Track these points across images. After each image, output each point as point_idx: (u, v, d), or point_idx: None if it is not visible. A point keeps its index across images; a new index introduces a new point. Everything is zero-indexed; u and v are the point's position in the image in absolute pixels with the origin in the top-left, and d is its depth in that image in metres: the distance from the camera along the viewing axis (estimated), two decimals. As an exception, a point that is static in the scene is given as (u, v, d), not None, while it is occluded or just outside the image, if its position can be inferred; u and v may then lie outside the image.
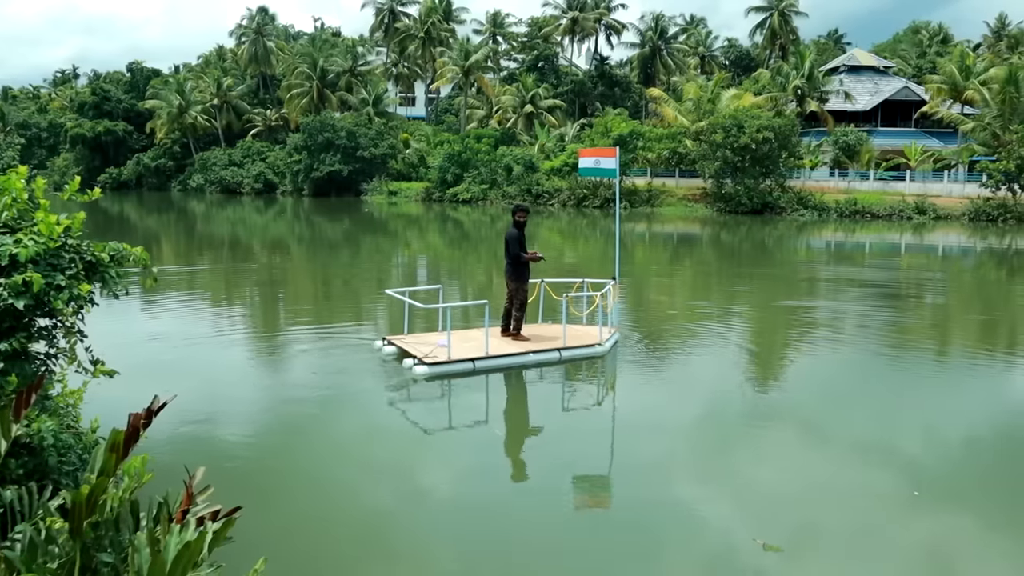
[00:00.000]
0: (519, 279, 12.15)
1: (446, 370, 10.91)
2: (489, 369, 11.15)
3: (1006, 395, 11.15)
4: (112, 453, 2.77)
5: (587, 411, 10.05)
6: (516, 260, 12.05)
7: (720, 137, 49.15)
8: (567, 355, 11.76)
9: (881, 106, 66.21)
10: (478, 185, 58.39)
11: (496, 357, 11.31)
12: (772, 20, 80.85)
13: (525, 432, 9.17)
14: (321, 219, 47.53)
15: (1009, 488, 7.48)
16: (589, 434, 8.99)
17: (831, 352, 13.39)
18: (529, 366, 11.46)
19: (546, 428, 9.31)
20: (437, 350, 11.35)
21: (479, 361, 11.15)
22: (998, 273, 26.63)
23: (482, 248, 32.70)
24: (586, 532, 6.45)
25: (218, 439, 8.46)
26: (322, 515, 6.65)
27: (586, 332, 12.72)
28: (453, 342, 11.38)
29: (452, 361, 11.03)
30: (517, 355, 11.53)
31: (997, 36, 74.54)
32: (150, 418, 2.93)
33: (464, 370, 11.01)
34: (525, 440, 8.92)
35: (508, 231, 12.15)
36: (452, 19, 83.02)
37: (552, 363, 11.63)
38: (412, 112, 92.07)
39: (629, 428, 9.18)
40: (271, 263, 26.43)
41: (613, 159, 13.50)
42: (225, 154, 76.75)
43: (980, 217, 46.07)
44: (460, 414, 9.81)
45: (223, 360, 12.37)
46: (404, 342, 11.96)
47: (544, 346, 11.90)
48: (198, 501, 2.80)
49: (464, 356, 11.19)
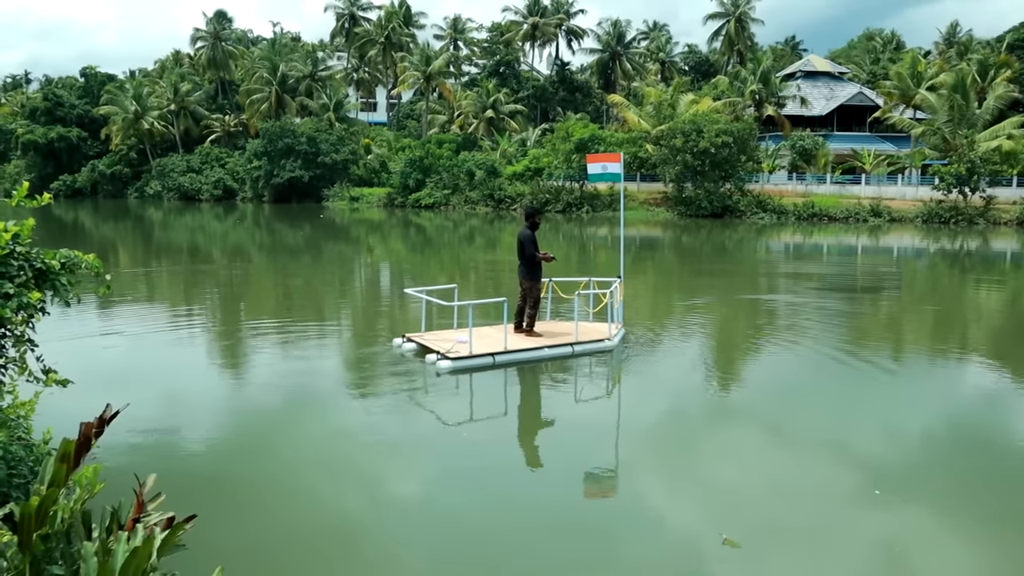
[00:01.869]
0: (533, 278, 12.68)
1: (468, 364, 11.40)
2: (508, 363, 11.69)
3: (960, 391, 11.38)
4: (63, 464, 2.72)
5: (554, 411, 10.06)
6: (531, 260, 12.56)
7: (680, 142, 49.64)
8: (579, 350, 12.33)
9: (837, 111, 67.33)
10: (440, 190, 58.29)
11: (514, 352, 11.87)
12: (729, 27, 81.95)
13: (498, 434, 9.15)
14: (282, 226, 47.13)
15: (965, 483, 7.63)
16: (557, 433, 9.01)
17: (790, 351, 13.56)
18: (545, 360, 11.99)
19: (517, 428, 9.30)
20: (457, 346, 11.89)
21: (499, 356, 11.69)
22: (951, 273, 27.19)
23: (445, 253, 32.65)
24: (552, 529, 6.45)
25: (179, 446, 8.34)
26: (288, 522, 6.58)
27: (595, 328, 13.28)
28: (472, 338, 11.96)
29: (473, 356, 11.52)
30: (533, 350, 12.10)
31: (948, 43, 76.17)
32: (102, 427, 2.88)
33: (484, 364, 11.51)
34: (497, 441, 8.90)
35: (523, 232, 12.63)
36: (412, 24, 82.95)
37: (566, 357, 12.15)
38: (373, 117, 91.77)
39: (593, 427, 9.22)
40: (231, 269, 26.14)
41: (619, 164, 13.97)
42: (183, 160, 75.79)
43: (933, 219, 47.07)
44: (424, 418, 9.76)
45: (182, 366, 12.21)
46: (424, 339, 12.47)
47: (558, 341, 12.43)
48: (149, 509, 2.76)
49: (484, 351, 11.70)
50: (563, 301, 13.76)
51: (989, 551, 6.33)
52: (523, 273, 12.75)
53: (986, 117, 51.83)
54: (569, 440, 8.89)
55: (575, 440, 8.87)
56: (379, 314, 17.71)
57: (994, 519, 6.82)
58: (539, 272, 12.75)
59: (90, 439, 2.82)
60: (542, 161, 55.42)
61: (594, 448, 8.58)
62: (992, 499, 7.25)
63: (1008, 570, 5.99)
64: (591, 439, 8.86)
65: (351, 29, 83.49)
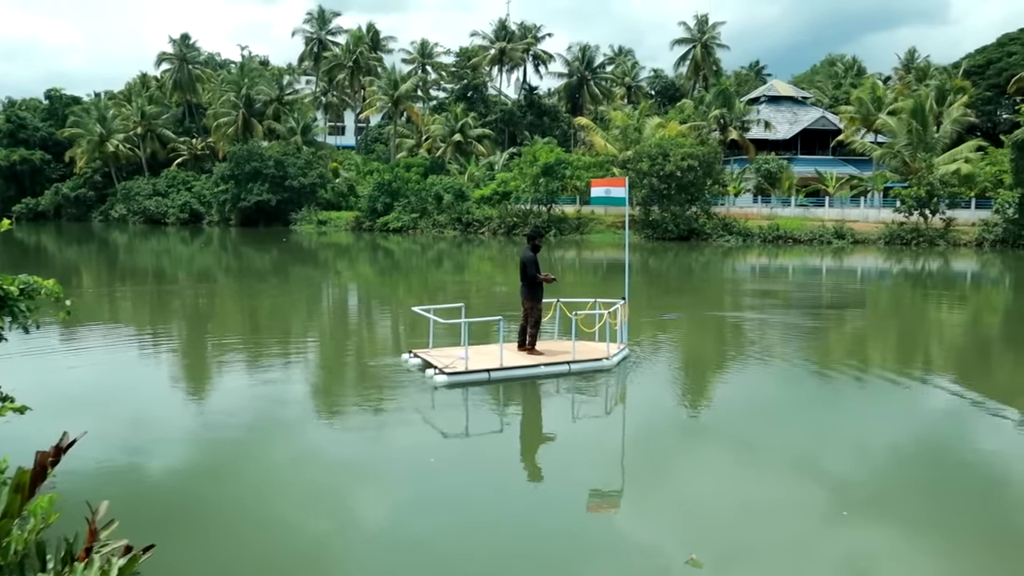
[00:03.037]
0: (534, 298, 13.02)
1: (463, 379, 11.73)
2: (503, 379, 11.96)
3: (923, 408, 11.54)
4: (17, 494, 2.69)
5: (529, 432, 10.06)
6: (532, 281, 12.90)
7: (646, 165, 50.12)
8: (576, 368, 12.55)
9: (800, 135, 68.40)
10: (408, 214, 58.26)
11: (509, 368, 12.16)
12: (695, 52, 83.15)
13: (468, 457, 9.11)
14: (248, 249, 46.79)
15: (930, 499, 7.74)
16: (528, 455, 9.01)
17: (759, 369, 13.69)
18: (540, 378, 12.26)
19: (487, 450, 9.27)
20: (457, 362, 12.20)
21: (494, 372, 11.98)
22: (914, 293, 27.63)
23: (413, 277, 32.60)
24: (518, 555, 6.44)
25: (141, 473, 8.22)
26: (256, 549, 6.51)
27: (595, 347, 13.48)
28: (473, 355, 12.44)
29: (469, 372, 11.87)
30: (529, 367, 12.38)
31: (907, 69, 77.78)
32: (59, 456, 2.85)
33: (480, 379, 11.82)
34: (466, 465, 8.86)
35: (524, 254, 13.04)
36: (380, 48, 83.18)
37: (562, 375, 12.42)
38: (342, 141, 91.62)
39: (567, 448, 9.24)
40: (196, 293, 25.87)
41: (623, 188, 14.30)
42: (149, 183, 75.06)
43: (895, 241, 47.90)
44: (395, 441, 9.71)
45: (144, 391, 12.03)
46: (428, 355, 12.82)
47: (555, 359, 12.71)
48: (103, 538, 2.73)
49: (480, 367, 12.00)
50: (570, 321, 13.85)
51: (953, 566, 6.41)
52: (524, 293, 13.08)
53: (944, 141, 52.93)
54: (542, 462, 8.89)
55: (549, 462, 8.87)
56: (348, 336, 17.63)
57: (958, 534, 6.91)
58: (540, 292, 13.05)
59: (46, 468, 2.78)
60: (510, 185, 55.66)
61: (567, 470, 8.58)
62: (955, 515, 7.35)
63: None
64: (564, 461, 8.87)
65: (319, 53, 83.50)
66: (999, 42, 74.48)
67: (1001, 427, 10.56)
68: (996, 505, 7.70)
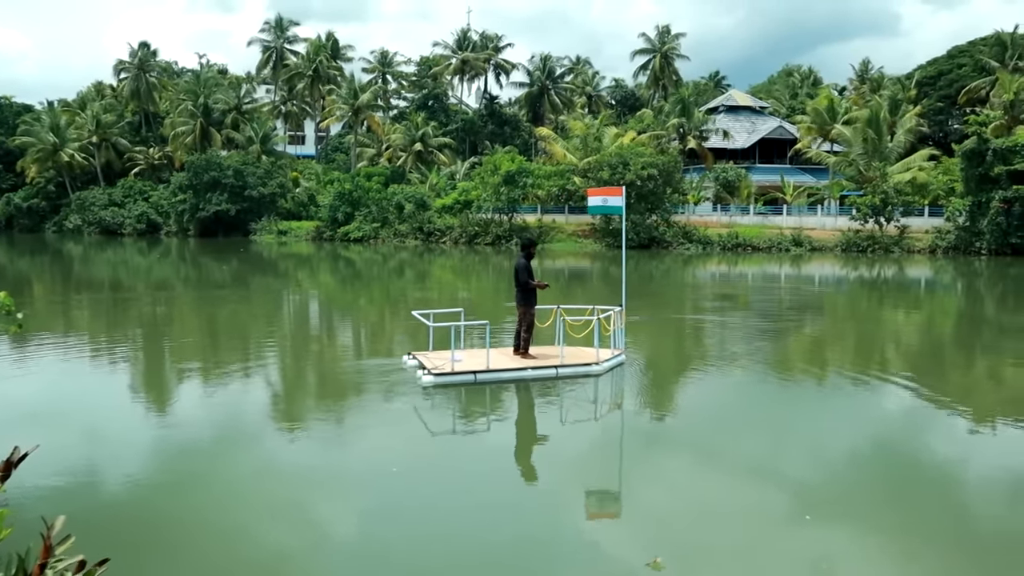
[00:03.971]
0: (527, 304, 13.39)
1: (449, 380, 12.14)
2: (489, 381, 12.32)
3: (879, 411, 11.72)
4: (-34, 509, 2.61)
5: (479, 436, 10.02)
6: (525, 287, 13.28)
7: (607, 174, 50.45)
8: (564, 372, 12.85)
9: (758, 144, 69.32)
10: (369, 224, 57.97)
11: (496, 371, 12.50)
12: (655, 62, 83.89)
13: (429, 465, 9.05)
14: (207, 260, 46.20)
15: (886, 500, 7.84)
16: (491, 461, 8.97)
17: (719, 373, 13.81)
18: (527, 380, 12.55)
19: (447, 458, 9.21)
20: (448, 363, 12.60)
21: (480, 374, 12.35)
22: (870, 298, 28.10)
23: (375, 287, 32.42)
24: (482, 565, 6.41)
25: (99, 487, 8.06)
26: (218, 562, 6.40)
27: (586, 353, 13.72)
28: (467, 358, 12.98)
29: (456, 373, 12.28)
30: (516, 370, 12.71)
31: (861, 79, 79.23)
32: (8, 471, 2.78)
33: (466, 381, 12.22)
34: (428, 475, 8.80)
35: (518, 262, 13.43)
36: (340, 57, 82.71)
37: (549, 379, 12.71)
38: (302, 150, 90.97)
39: (520, 453, 9.22)
40: (154, 303, 25.46)
41: (620, 197, 14.60)
42: (105, 194, 73.86)
43: (851, 248, 48.72)
44: (356, 451, 9.63)
45: (101, 403, 11.80)
46: (426, 357, 13.18)
47: (544, 363, 12.98)
48: (58, 553, 2.66)
49: (467, 369, 12.40)
50: (582, 327, 14.14)
51: (909, 565, 6.50)
52: (519, 299, 13.45)
53: (898, 150, 54.05)
54: (507, 468, 8.86)
55: (514, 468, 8.85)
56: (308, 344, 17.46)
57: (915, 535, 7.02)
58: (533, 298, 13.40)
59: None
60: (471, 194, 55.67)
61: (531, 476, 8.58)
62: (912, 515, 7.46)
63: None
64: (529, 467, 8.86)
65: (278, 62, 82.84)
66: (950, 54, 76.22)
67: (956, 427, 10.77)
68: (952, 505, 7.84)
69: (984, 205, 44.63)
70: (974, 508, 7.85)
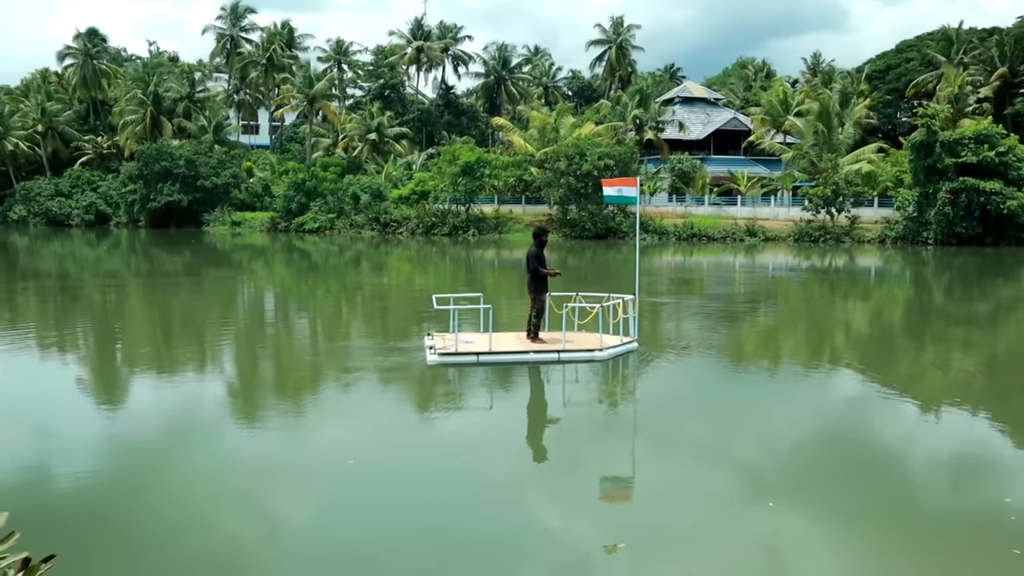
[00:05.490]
0: (537, 290, 13.88)
1: (452, 361, 12.76)
2: (491, 363, 12.86)
3: (832, 397, 11.96)
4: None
5: (439, 429, 10.01)
6: (535, 274, 13.77)
7: (564, 165, 50.61)
8: (566, 357, 13.18)
9: (713, 135, 69.99)
10: (325, 214, 57.39)
11: (498, 353, 13.02)
12: (611, 53, 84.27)
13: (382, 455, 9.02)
14: (160, 251, 45.41)
15: (839, 484, 8.02)
16: (453, 448, 8.96)
17: (675, 360, 13.95)
18: (528, 363, 12.99)
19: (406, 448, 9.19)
20: (462, 345, 13.21)
21: (483, 355, 12.90)
22: (821, 287, 28.58)
23: (331, 279, 32.16)
24: (439, 549, 6.42)
25: (48, 484, 7.89)
26: (175, 557, 6.33)
27: (587, 339, 14.03)
28: (478, 340, 13.63)
29: (459, 353, 12.87)
30: (517, 353, 13.19)
31: (813, 72, 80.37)
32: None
33: (468, 362, 12.82)
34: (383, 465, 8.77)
35: (529, 250, 14.00)
36: (295, 46, 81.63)
37: (550, 363, 13.09)
38: (256, 140, 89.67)
39: (481, 443, 9.23)
40: (104, 298, 24.97)
41: (634, 188, 15.01)
42: (51, 184, 72.16)
43: (804, 238, 49.51)
44: (314, 444, 9.56)
45: (50, 397, 11.56)
46: (443, 337, 13.80)
47: (546, 348, 13.37)
48: (1, 550, 2.61)
49: (470, 351, 12.98)
50: (587, 313, 14.46)
51: (860, 546, 6.66)
52: (529, 286, 13.95)
53: (848, 142, 54.98)
54: (461, 453, 8.86)
55: (471, 453, 8.86)
56: (262, 338, 17.27)
57: (864, 516, 7.18)
58: (543, 285, 13.93)
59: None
60: (428, 184, 55.43)
61: (486, 465, 8.59)
62: (862, 498, 7.64)
63: (876, 563, 6.31)
64: (491, 451, 8.88)
65: (232, 50, 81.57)
66: (898, 48, 77.70)
67: (903, 412, 11.04)
68: (900, 485, 8.03)
69: (932, 196, 45.59)
70: (920, 488, 8.06)
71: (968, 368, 14.50)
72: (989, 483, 8.31)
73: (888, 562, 6.35)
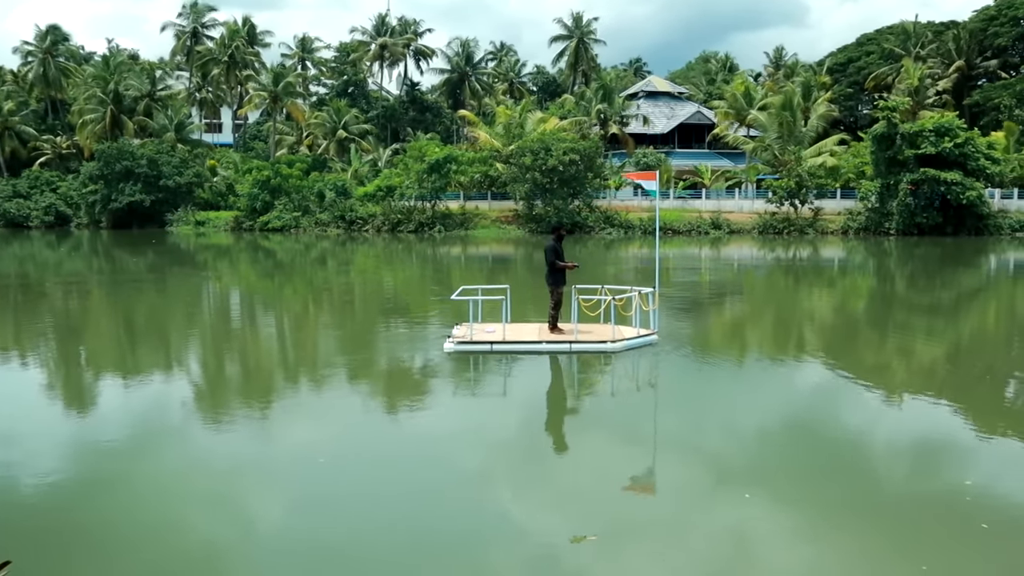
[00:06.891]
0: (555, 283, 14.28)
1: (468, 348, 13.36)
2: (504, 352, 13.38)
3: (799, 388, 12.13)
4: None
5: (402, 425, 9.99)
6: (552, 268, 14.19)
7: (529, 160, 50.65)
8: (577, 348, 13.55)
9: (677, 129, 70.38)
10: (290, 212, 56.84)
11: (511, 342, 13.52)
12: (572, 47, 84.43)
13: (359, 452, 8.98)
14: (122, 252, 44.73)
15: (807, 475, 8.15)
16: (409, 446, 8.94)
17: (645, 352, 14.03)
18: (541, 353, 13.43)
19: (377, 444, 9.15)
20: (483, 334, 13.78)
21: (496, 344, 13.43)
22: (786, 278, 28.91)
23: (297, 279, 31.92)
24: (411, 544, 6.42)
25: (13, 488, 7.76)
26: (150, 557, 6.26)
27: (599, 330, 14.32)
28: (499, 330, 13.94)
29: (474, 341, 13.47)
30: (529, 343, 13.64)
31: (776, 66, 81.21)
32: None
33: (482, 350, 13.41)
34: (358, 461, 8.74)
35: (547, 244, 14.52)
36: (257, 43, 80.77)
37: (562, 353, 13.51)
38: (219, 139, 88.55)
39: (446, 439, 9.24)
40: (66, 298, 24.56)
41: (654, 181, 15.48)
42: (8, 184, 70.66)
43: (768, 230, 50.05)
44: (283, 442, 9.50)
45: (10, 403, 11.35)
46: (469, 327, 14.29)
47: (560, 338, 13.74)
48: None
49: (485, 340, 13.55)
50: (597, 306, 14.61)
51: (828, 536, 6.77)
52: (548, 279, 14.35)
53: (811, 135, 55.67)
54: (431, 448, 8.85)
55: (443, 446, 8.85)
56: (229, 338, 17.11)
57: (833, 507, 7.30)
58: (561, 278, 14.26)
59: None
60: (394, 181, 55.17)
61: (460, 459, 8.60)
62: (830, 489, 7.76)
63: (842, 553, 6.42)
64: (468, 444, 8.88)
65: (192, 47, 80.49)
66: (858, 42, 78.72)
67: (867, 400, 11.23)
68: (866, 471, 8.17)
69: (893, 187, 46.31)
70: (884, 473, 8.22)
71: (930, 356, 14.75)
72: (951, 466, 8.51)
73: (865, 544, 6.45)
